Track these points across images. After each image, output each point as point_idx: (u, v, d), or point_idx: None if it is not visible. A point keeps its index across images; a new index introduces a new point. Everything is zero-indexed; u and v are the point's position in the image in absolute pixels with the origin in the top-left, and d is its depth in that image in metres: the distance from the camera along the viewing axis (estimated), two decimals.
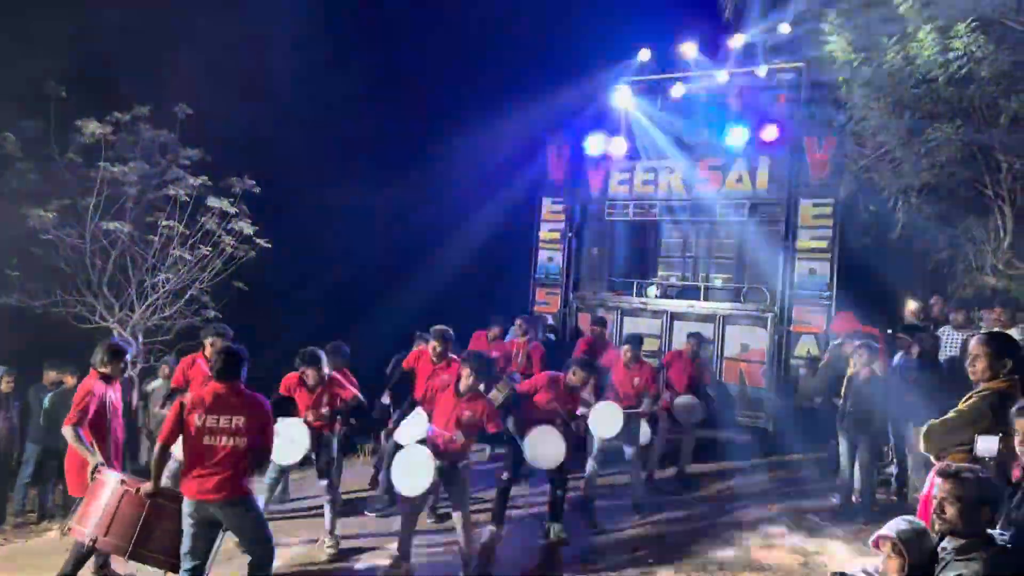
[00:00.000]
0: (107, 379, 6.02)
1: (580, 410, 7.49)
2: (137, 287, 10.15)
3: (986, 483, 3.29)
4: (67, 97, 9.70)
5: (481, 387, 6.35)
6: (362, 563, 6.62)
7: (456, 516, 6.13)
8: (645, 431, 8.23)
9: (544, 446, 6.86)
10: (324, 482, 6.92)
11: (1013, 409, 3.35)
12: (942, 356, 8.19)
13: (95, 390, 5.82)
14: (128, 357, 6.21)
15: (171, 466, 6.04)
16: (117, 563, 6.04)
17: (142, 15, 11.15)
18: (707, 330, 11.35)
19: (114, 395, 6.08)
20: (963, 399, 3.93)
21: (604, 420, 7.69)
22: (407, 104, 12.90)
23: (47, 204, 9.46)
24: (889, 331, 9.32)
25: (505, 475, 7.26)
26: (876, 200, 10.70)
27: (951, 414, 3.92)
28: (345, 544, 6.92)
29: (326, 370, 6.95)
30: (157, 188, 10.18)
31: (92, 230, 9.69)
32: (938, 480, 3.37)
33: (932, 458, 3.94)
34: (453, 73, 13.04)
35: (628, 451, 8.13)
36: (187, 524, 4.93)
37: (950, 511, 3.29)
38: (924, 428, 3.99)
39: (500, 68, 13.18)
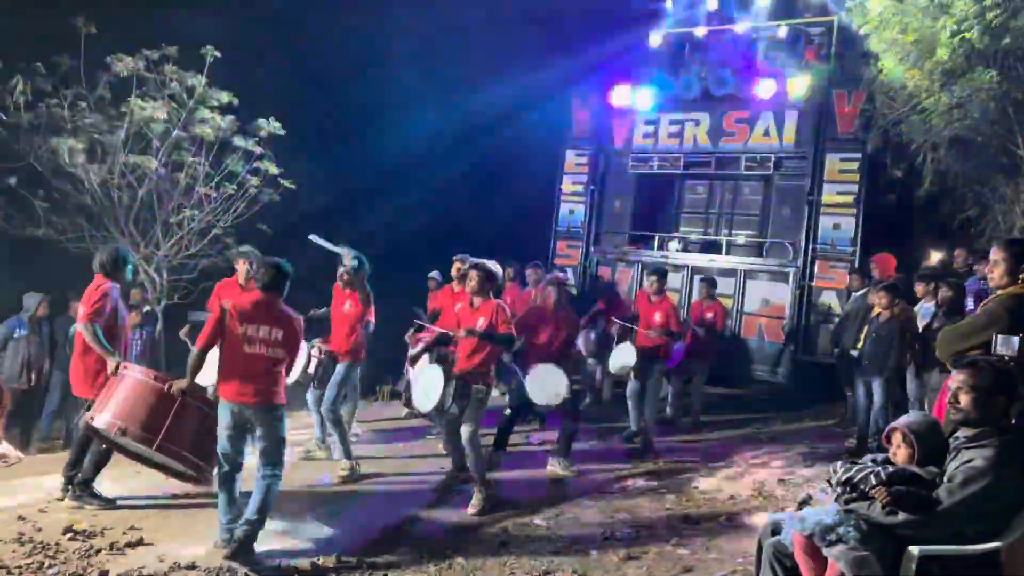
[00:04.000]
0: (114, 286, 5.95)
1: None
2: (162, 224, 10.26)
3: (1002, 373, 3.28)
4: (97, 34, 9.77)
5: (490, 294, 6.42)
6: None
7: (464, 430, 6.20)
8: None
9: (545, 383, 6.96)
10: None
11: None
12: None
13: (110, 292, 5.82)
14: (130, 266, 6.19)
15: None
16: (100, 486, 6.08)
17: None
18: (728, 285, 11.31)
19: (122, 306, 6.12)
20: (982, 303, 3.92)
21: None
22: (432, 54, 12.85)
23: (76, 138, 9.57)
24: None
25: (508, 410, 7.50)
26: (904, 156, 10.56)
27: (967, 319, 3.90)
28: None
29: None
30: (184, 128, 10.25)
31: (120, 166, 9.80)
32: (954, 371, 3.36)
33: (948, 365, 3.91)
34: (477, 23, 12.95)
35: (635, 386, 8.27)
36: (223, 427, 5.05)
37: (964, 400, 3.28)
38: (940, 334, 3.98)
39: (526, 19, 13.07)
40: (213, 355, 5.19)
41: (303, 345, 6.09)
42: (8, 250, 10.03)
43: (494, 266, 6.60)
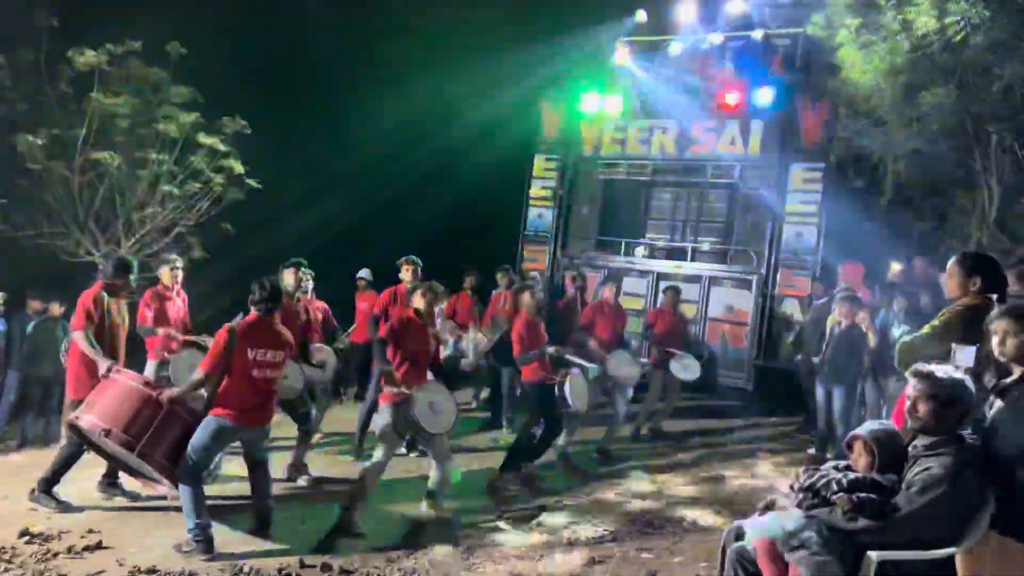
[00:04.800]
0: (113, 293, 6.07)
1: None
2: (124, 222, 10.11)
3: (958, 383, 3.35)
4: (59, 28, 9.61)
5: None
6: None
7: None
8: None
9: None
10: None
11: (992, 313, 3.40)
12: None
13: (99, 299, 5.91)
14: (134, 274, 6.24)
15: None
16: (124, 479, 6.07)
17: None
18: (692, 291, 11.43)
19: (115, 312, 6.10)
20: (938, 314, 4.01)
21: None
22: (401, 55, 12.83)
23: (36, 134, 9.38)
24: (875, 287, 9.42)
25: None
26: (866, 167, 10.79)
27: (924, 329, 3.99)
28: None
29: None
30: (147, 124, 10.11)
31: (81, 162, 9.63)
32: (912, 380, 3.43)
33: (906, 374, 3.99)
34: (448, 26, 12.96)
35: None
36: (213, 441, 5.12)
37: (922, 409, 3.35)
38: (898, 343, 4.07)
39: (496, 24, 13.11)
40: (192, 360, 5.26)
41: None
42: None
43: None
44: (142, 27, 10.21)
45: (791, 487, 3.64)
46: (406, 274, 7.61)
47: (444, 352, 7.86)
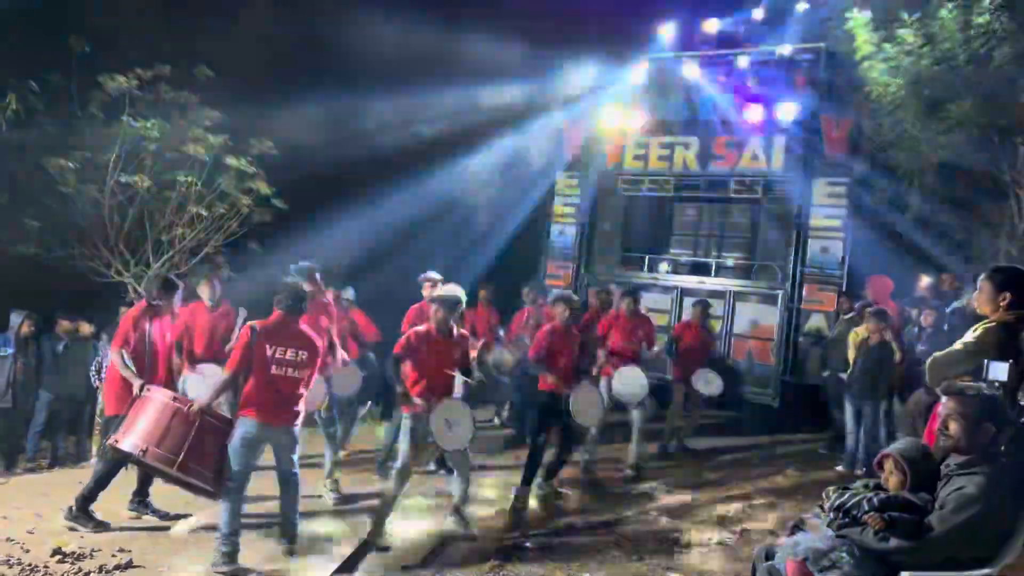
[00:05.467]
0: (155, 312, 6.19)
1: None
2: (153, 243, 10.24)
3: (990, 401, 3.32)
4: (90, 53, 9.79)
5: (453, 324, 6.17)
6: None
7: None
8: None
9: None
10: None
11: None
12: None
13: (139, 320, 6.04)
14: (179, 293, 6.41)
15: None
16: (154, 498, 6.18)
17: None
18: (717, 307, 11.35)
19: (157, 330, 6.20)
20: (971, 330, 3.97)
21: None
22: (424, 74, 12.92)
23: (68, 157, 9.55)
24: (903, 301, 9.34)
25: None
26: (891, 180, 10.70)
27: (956, 345, 3.95)
28: None
29: None
30: (176, 146, 10.26)
31: (111, 184, 9.78)
32: (944, 398, 3.40)
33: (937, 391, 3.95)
34: (470, 46, 13.06)
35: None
36: (241, 444, 5.19)
37: (954, 427, 3.32)
38: (928, 360, 4.03)
39: (518, 41, 13.18)
40: (212, 370, 5.31)
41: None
42: None
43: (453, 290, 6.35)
44: (171, 51, 10.40)
45: (821, 506, 3.61)
46: (428, 291, 7.61)
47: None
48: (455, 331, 6.13)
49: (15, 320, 8.88)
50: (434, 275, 7.76)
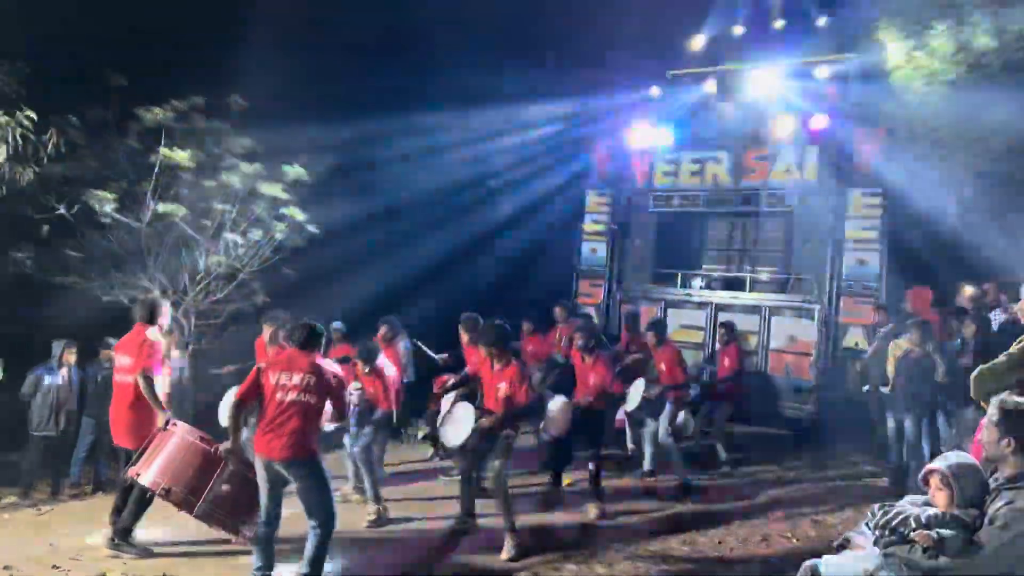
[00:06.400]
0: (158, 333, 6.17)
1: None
2: (190, 270, 10.41)
3: None
4: (127, 86, 10.02)
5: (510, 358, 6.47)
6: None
7: (491, 474, 6.19)
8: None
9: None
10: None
11: None
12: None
13: (154, 343, 5.97)
14: (166, 311, 6.37)
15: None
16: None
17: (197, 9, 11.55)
18: (752, 322, 11.26)
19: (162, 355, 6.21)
20: (1016, 341, 3.88)
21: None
22: (455, 96, 13.04)
23: (107, 188, 9.77)
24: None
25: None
26: (927, 190, 10.54)
27: (1001, 358, 3.87)
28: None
29: None
30: (211, 175, 10.44)
31: (149, 215, 9.97)
32: (989, 410, 3.33)
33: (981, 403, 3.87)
34: (498, 66, 13.15)
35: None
36: (261, 483, 5.07)
37: (1001, 440, 3.24)
38: (974, 372, 3.95)
39: (546, 60, 13.28)
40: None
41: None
42: (40, 298, 10.18)
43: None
44: (205, 82, 10.60)
45: (867, 524, 3.54)
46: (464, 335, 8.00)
47: None
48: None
49: (56, 349, 9.05)
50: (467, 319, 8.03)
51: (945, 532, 3.20)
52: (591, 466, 7.23)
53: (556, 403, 6.96)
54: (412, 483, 8.29)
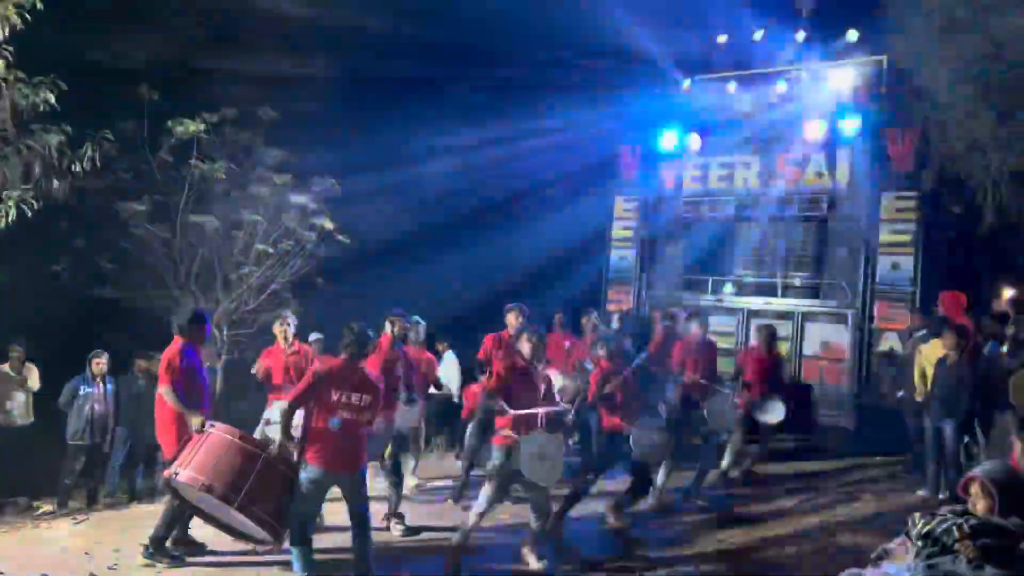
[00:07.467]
0: (191, 345, 6.14)
1: None
2: (222, 281, 10.53)
3: None
4: (160, 100, 10.18)
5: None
6: None
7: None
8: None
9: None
10: None
11: None
12: None
13: (182, 351, 5.98)
14: (208, 325, 6.43)
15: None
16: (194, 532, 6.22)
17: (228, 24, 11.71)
18: (785, 328, 11.09)
19: (198, 362, 6.24)
20: None
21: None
22: (480, 103, 13.11)
23: (140, 200, 9.93)
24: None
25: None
26: (962, 192, 10.37)
27: None
28: None
29: None
30: (242, 187, 10.57)
31: (181, 225, 10.11)
32: None
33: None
34: (524, 73, 13.21)
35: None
36: (308, 489, 5.13)
37: None
38: (1013, 377, 3.86)
39: (573, 66, 13.28)
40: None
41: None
42: (76, 309, 10.34)
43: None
44: (235, 94, 10.75)
45: (907, 534, 3.46)
46: (512, 320, 7.66)
47: None
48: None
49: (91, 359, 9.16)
50: (518, 305, 7.76)
51: (990, 541, 3.11)
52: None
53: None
54: (444, 496, 8.16)
